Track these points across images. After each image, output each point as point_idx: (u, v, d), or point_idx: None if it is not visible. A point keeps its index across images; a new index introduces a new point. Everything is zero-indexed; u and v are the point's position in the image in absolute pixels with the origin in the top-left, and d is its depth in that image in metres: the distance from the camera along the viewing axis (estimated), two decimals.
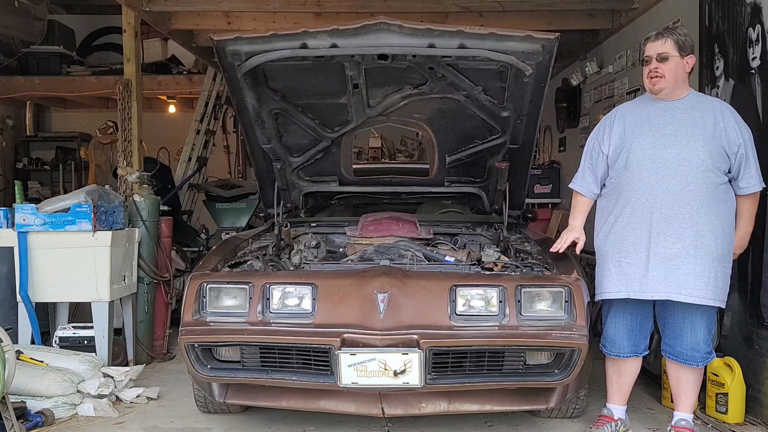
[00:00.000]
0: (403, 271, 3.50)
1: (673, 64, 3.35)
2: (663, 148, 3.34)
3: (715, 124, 3.33)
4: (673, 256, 3.29)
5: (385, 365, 3.17)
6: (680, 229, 3.29)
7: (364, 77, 3.79)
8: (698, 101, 3.44)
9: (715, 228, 3.30)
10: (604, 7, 6.33)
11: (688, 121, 3.36)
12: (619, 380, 3.62)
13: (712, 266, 3.29)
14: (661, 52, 3.35)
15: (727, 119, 3.35)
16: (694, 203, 3.28)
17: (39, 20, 7.16)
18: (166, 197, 6.64)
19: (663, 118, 3.40)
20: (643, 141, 3.39)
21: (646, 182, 3.35)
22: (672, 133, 3.36)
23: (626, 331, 3.52)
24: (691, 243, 3.28)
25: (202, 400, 3.89)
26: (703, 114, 3.37)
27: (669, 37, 3.36)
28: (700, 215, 3.28)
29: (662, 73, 3.35)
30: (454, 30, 3.40)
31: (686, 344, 3.40)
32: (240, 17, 6.69)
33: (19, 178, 7.33)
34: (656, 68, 3.36)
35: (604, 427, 3.56)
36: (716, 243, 3.30)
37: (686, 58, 3.38)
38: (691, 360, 3.41)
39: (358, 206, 5.16)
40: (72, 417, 3.96)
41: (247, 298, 3.41)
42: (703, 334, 3.39)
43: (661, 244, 3.30)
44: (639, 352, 3.55)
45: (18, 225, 4.50)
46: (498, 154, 4.33)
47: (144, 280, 5.12)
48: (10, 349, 3.43)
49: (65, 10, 10.10)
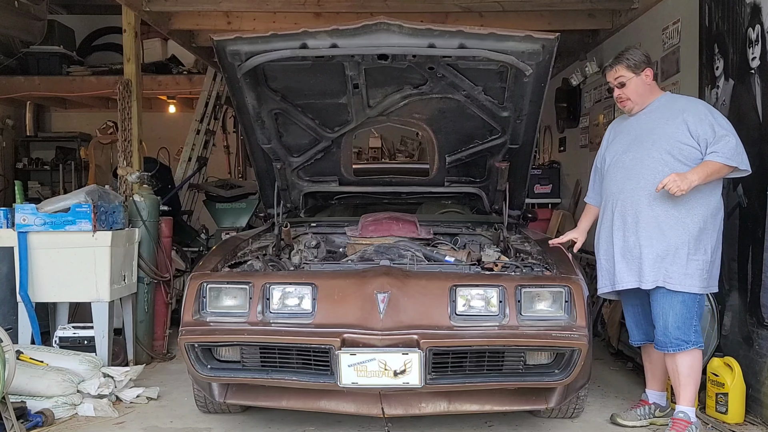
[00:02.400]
0: (403, 271, 3.50)
1: (632, 84, 3.63)
2: (622, 153, 3.66)
3: (672, 120, 3.52)
4: (630, 247, 3.54)
5: (385, 365, 3.17)
6: (633, 223, 3.53)
7: (364, 77, 3.79)
8: (664, 104, 3.65)
9: (672, 218, 3.46)
10: (604, 7, 6.33)
11: (647, 123, 3.62)
12: (650, 366, 3.81)
13: (669, 254, 3.45)
14: (617, 78, 3.65)
15: (687, 113, 3.51)
16: (645, 199, 3.50)
17: (39, 20, 7.15)
18: (166, 197, 6.64)
19: (629, 126, 3.73)
20: (612, 150, 3.76)
21: (609, 186, 3.69)
22: (633, 138, 3.64)
23: (633, 320, 3.79)
24: (645, 234, 3.49)
25: (202, 400, 3.89)
26: (662, 113, 3.60)
27: (618, 64, 3.64)
28: (652, 208, 3.48)
29: (626, 96, 3.66)
30: (454, 30, 3.40)
31: (658, 329, 3.53)
32: (240, 17, 6.69)
33: (19, 178, 7.35)
34: (619, 94, 3.68)
35: (638, 409, 3.79)
36: (673, 233, 3.46)
37: (643, 73, 3.63)
38: (661, 345, 3.52)
39: (358, 206, 5.16)
40: (72, 417, 3.96)
41: (247, 298, 3.41)
42: (673, 318, 3.47)
43: (620, 238, 3.58)
44: (651, 339, 3.68)
45: (18, 225, 4.50)
46: (498, 154, 4.33)
47: (144, 280, 5.12)
48: (10, 349, 3.43)
49: (65, 10, 10.10)
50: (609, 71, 3.70)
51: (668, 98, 3.72)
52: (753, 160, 3.83)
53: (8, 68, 8.55)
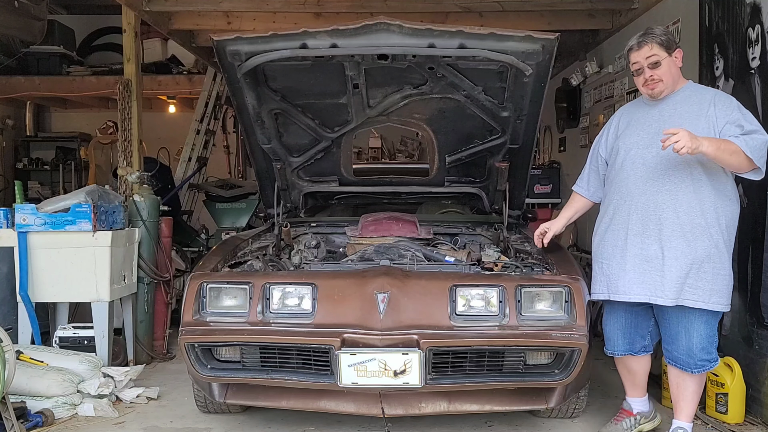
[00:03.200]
0: (403, 271, 3.50)
1: (666, 65, 3.26)
2: (644, 148, 3.29)
3: (702, 115, 3.20)
4: (650, 257, 3.21)
5: (385, 365, 3.17)
6: (656, 230, 3.21)
7: (364, 77, 3.79)
8: (690, 94, 3.32)
9: (698, 227, 3.17)
10: (604, 7, 6.32)
11: (673, 117, 3.25)
12: (630, 376, 3.59)
13: (693, 267, 3.16)
14: (650, 57, 3.26)
15: (718, 107, 3.20)
16: (671, 203, 3.19)
17: (39, 20, 7.16)
18: (166, 197, 6.64)
19: (649, 117, 3.34)
20: (627, 141, 3.36)
21: (625, 183, 3.32)
22: (655, 132, 3.26)
23: (620, 330, 3.48)
24: (668, 244, 3.18)
25: (202, 400, 3.89)
26: (690, 107, 3.25)
27: (652, 42, 3.25)
28: (678, 215, 3.18)
29: (659, 78, 3.27)
30: (454, 30, 3.40)
31: (681, 349, 3.29)
32: (240, 17, 6.69)
33: (19, 178, 7.34)
34: (652, 76, 3.27)
35: (623, 422, 3.59)
36: (699, 243, 3.16)
37: (674, 53, 3.29)
38: (687, 366, 3.29)
39: (358, 206, 5.16)
40: (72, 417, 3.96)
41: (247, 298, 3.41)
42: (698, 339, 3.24)
43: (637, 245, 3.25)
44: (635, 351, 3.49)
45: (18, 225, 4.50)
46: (498, 154, 4.33)
47: (144, 280, 5.12)
48: (10, 349, 3.43)
49: (65, 10, 10.11)
50: (638, 49, 3.28)
51: (695, 88, 3.37)
52: None
53: (8, 68, 8.55)
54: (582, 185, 3.68)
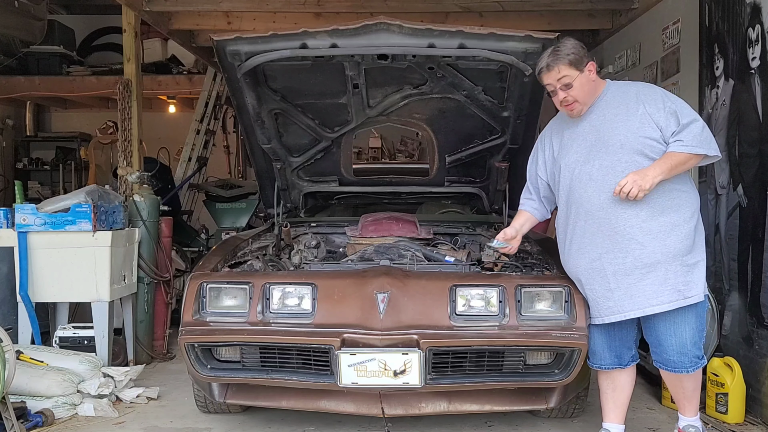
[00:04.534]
0: (403, 271, 3.50)
1: (578, 84, 3.11)
2: (585, 163, 3.14)
3: (632, 114, 3.08)
4: (629, 271, 3.07)
5: (385, 365, 3.17)
6: (624, 242, 3.06)
7: (364, 77, 3.79)
8: (613, 96, 3.17)
9: (666, 225, 3.05)
10: (604, 7, 6.33)
11: (603, 123, 3.13)
12: (614, 395, 3.33)
13: (670, 267, 3.04)
14: (561, 79, 3.11)
15: (647, 104, 3.07)
16: (628, 211, 3.05)
17: (39, 20, 7.17)
18: (166, 197, 6.65)
19: (581, 130, 3.20)
20: (567, 160, 3.21)
21: (580, 202, 3.16)
22: (592, 144, 3.14)
23: (606, 342, 3.28)
24: (641, 252, 3.04)
25: (202, 400, 3.89)
26: (617, 109, 3.12)
27: (559, 63, 3.09)
28: (638, 221, 3.04)
29: (573, 99, 3.13)
30: (454, 30, 3.40)
31: (672, 350, 3.13)
32: (240, 17, 6.69)
33: (19, 178, 7.33)
34: (565, 97, 3.13)
35: None
36: (672, 240, 3.05)
37: (586, 68, 3.12)
38: (680, 366, 3.13)
39: (358, 206, 5.15)
40: (72, 417, 3.97)
41: (247, 298, 3.41)
42: (689, 334, 3.10)
43: (612, 262, 3.09)
44: (624, 364, 3.29)
45: (18, 225, 4.50)
46: (498, 154, 4.33)
47: (144, 280, 5.12)
48: (10, 349, 3.43)
49: (65, 10, 10.10)
50: (547, 72, 3.13)
51: (616, 88, 3.22)
52: (753, 161, 3.84)
53: (8, 68, 8.54)
54: (529, 204, 3.49)
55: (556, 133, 3.35)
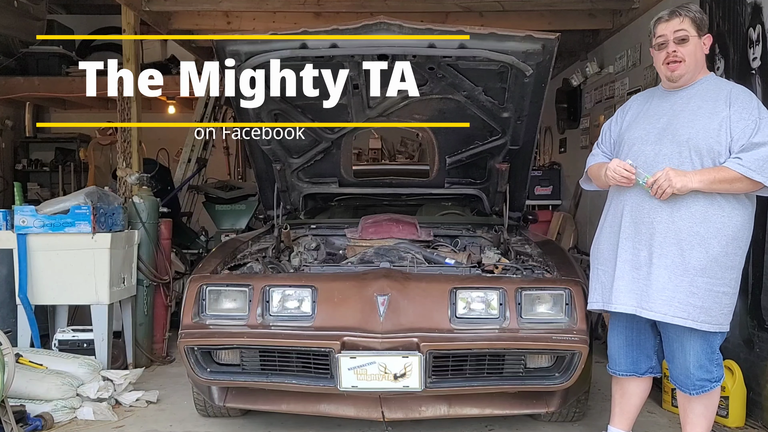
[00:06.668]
0: (403, 274, 3.49)
1: (693, 45, 2.94)
2: (646, 144, 2.99)
3: (715, 115, 2.88)
4: (640, 264, 2.92)
5: (385, 368, 3.16)
6: (648, 234, 2.91)
7: (364, 77, 3.78)
8: (707, 88, 2.99)
9: (695, 236, 2.86)
10: (605, 7, 6.31)
11: (684, 111, 2.95)
12: (621, 401, 3.25)
13: (688, 280, 2.86)
14: (678, 31, 2.93)
15: (734, 108, 2.86)
16: (667, 206, 2.88)
17: (38, 20, 7.13)
18: (166, 199, 6.61)
19: (660, 110, 3.04)
20: (633, 135, 3.06)
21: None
22: (662, 127, 2.98)
23: (623, 347, 3.17)
24: (658, 251, 2.88)
25: (201, 403, 3.88)
26: (704, 103, 2.93)
27: (686, 16, 2.93)
28: (674, 220, 2.88)
29: (682, 57, 2.94)
30: (454, 30, 3.38)
31: (677, 367, 3.02)
32: (240, 17, 6.68)
33: (19, 180, 7.31)
34: (674, 51, 2.94)
35: None
36: (694, 254, 2.85)
37: (704, 38, 2.99)
38: (683, 386, 3.01)
39: (358, 208, 5.14)
40: (71, 421, 3.95)
41: (246, 301, 3.39)
42: (694, 358, 2.93)
43: (627, 250, 2.96)
44: (640, 372, 3.16)
45: (17, 227, 4.48)
46: (498, 156, 4.32)
47: (143, 282, 5.10)
48: (9, 352, 3.42)
49: (65, 10, 10.08)
50: (667, 21, 2.95)
51: (714, 81, 3.03)
52: None
53: (7, 69, 8.52)
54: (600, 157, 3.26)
55: (638, 103, 3.18)
